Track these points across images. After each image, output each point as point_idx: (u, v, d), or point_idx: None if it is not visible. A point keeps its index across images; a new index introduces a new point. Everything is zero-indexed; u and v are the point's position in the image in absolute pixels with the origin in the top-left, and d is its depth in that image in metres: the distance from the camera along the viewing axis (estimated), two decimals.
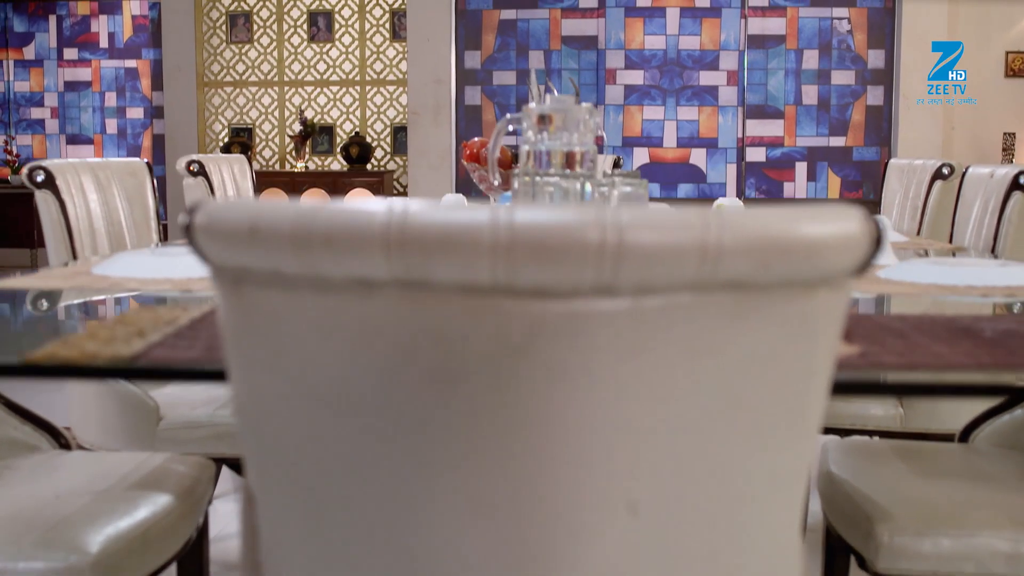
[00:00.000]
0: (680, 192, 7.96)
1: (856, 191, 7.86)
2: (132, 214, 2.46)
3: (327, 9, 9.37)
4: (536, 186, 1.70)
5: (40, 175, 2.09)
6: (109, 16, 9.67)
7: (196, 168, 2.89)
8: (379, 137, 9.41)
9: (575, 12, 7.92)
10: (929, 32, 7.53)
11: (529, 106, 1.67)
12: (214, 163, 3.12)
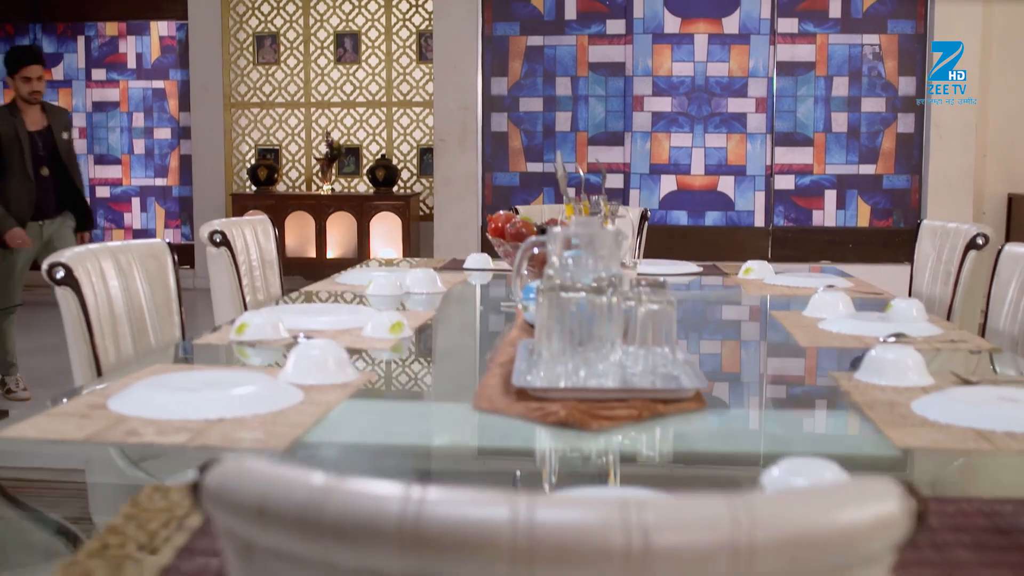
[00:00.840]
0: (708, 220, 7.90)
1: (886, 219, 7.77)
2: (153, 297, 2.44)
3: (354, 30, 9.37)
4: (561, 301, 1.65)
5: (60, 271, 2.07)
6: (137, 37, 9.71)
7: (219, 239, 2.86)
8: (405, 159, 9.40)
9: (602, 38, 7.87)
10: (962, 59, 7.42)
11: (555, 229, 1.63)
12: (237, 228, 3.09)
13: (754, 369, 2.13)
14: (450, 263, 3.57)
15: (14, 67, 5.22)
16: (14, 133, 5.20)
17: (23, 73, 5.20)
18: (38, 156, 5.28)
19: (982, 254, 2.96)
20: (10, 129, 5.19)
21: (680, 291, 3.15)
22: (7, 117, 5.23)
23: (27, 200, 5.20)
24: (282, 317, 2.19)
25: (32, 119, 5.33)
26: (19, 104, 5.29)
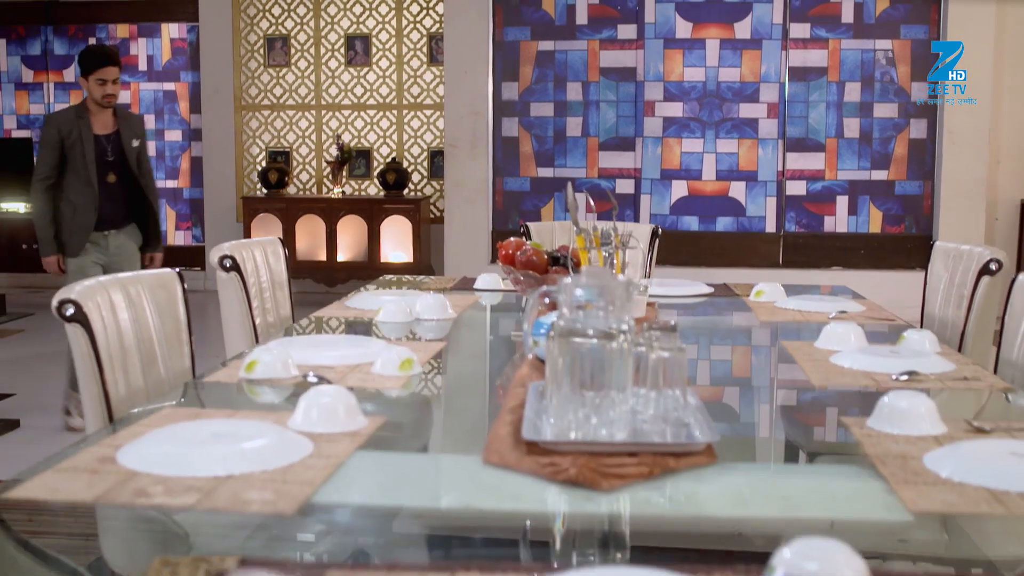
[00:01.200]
0: (719, 225, 7.87)
1: (898, 225, 7.73)
2: (163, 327, 2.43)
3: (365, 33, 9.36)
4: (571, 348, 1.64)
5: (69, 308, 2.07)
6: (148, 39, 9.72)
7: (229, 264, 2.86)
8: (416, 161, 9.39)
9: (613, 44, 7.84)
10: (974, 64, 7.38)
11: (566, 281, 1.61)
12: (247, 250, 3.09)
13: (766, 413, 2.12)
14: (461, 282, 3.56)
15: (88, 68, 4.87)
16: (78, 135, 4.90)
17: (98, 75, 4.85)
18: (104, 162, 4.97)
19: (995, 279, 2.94)
20: (75, 131, 4.91)
21: (690, 316, 3.14)
22: (73, 119, 4.93)
23: (91, 208, 4.92)
24: (292, 352, 2.19)
25: (101, 123, 5.00)
26: (89, 106, 4.95)
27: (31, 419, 5.22)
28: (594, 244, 2.49)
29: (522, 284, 2.72)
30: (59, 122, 4.91)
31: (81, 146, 4.90)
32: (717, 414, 1.98)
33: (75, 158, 4.92)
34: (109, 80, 4.87)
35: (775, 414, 2.09)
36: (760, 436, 1.93)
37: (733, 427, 1.96)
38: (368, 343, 2.34)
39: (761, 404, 2.18)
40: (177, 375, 2.45)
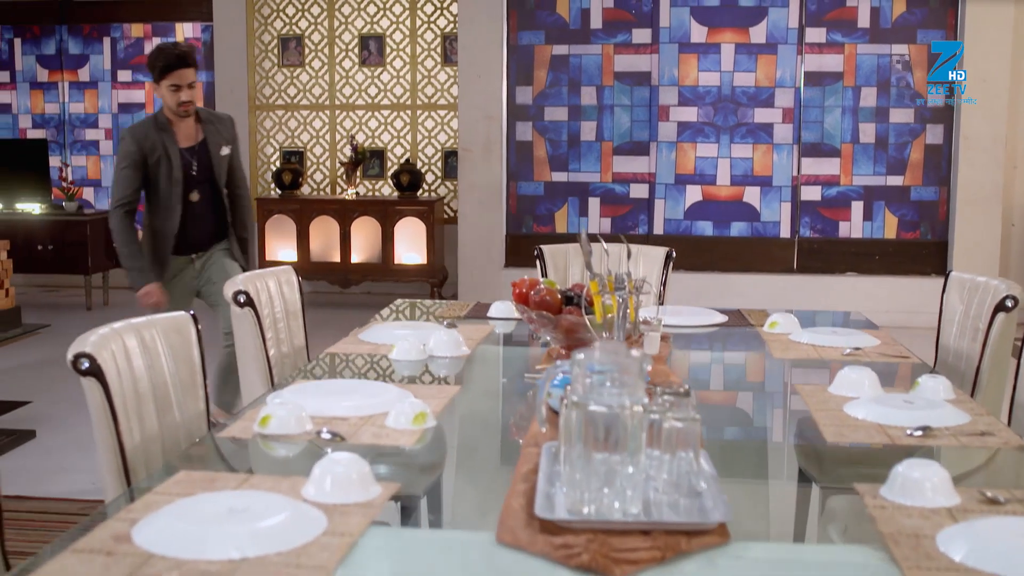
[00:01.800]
0: (733, 231, 7.86)
1: (913, 231, 7.70)
2: (178, 372, 2.44)
3: (378, 33, 9.36)
4: (584, 419, 1.65)
5: (84, 363, 2.09)
6: (162, 39, 9.73)
7: (243, 299, 2.87)
8: (430, 161, 9.39)
9: (628, 48, 7.82)
10: (991, 69, 7.34)
11: (578, 356, 1.61)
12: (260, 281, 3.10)
13: (779, 473, 2.12)
14: (475, 309, 3.56)
15: (159, 73, 4.20)
16: (162, 151, 4.26)
17: (170, 80, 4.18)
18: (190, 178, 4.35)
19: (1011, 316, 2.93)
20: (157, 147, 4.26)
21: (704, 350, 3.14)
22: (152, 132, 4.27)
23: (171, 233, 4.39)
24: (307, 401, 2.20)
25: (184, 133, 4.34)
26: (167, 115, 4.30)
27: (47, 429, 5.24)
28: (608, 289, 2.49)
29: (536, 323, 2.72)
30: (140, 137, 4.26)
31: (167, 164, 4.29)
32: (728, 467, 1.98)
33: (159, 178, 4.32)
34: (184, 85, 4.21)
35: (787, 473, 2.09)
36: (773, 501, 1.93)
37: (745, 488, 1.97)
38: (382, 390, 2.35)
39: (774, 464, 2.17)
40: (191, 419, 2.46)
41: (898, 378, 2.69)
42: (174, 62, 4.17)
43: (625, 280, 2.50)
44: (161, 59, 4.18)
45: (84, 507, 4.20)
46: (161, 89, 4.21)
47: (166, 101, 4.24)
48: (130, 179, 4.26)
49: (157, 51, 4.25)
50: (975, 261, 7.50)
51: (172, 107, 4.23)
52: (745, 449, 2.25)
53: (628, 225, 7.93)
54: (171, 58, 4.18)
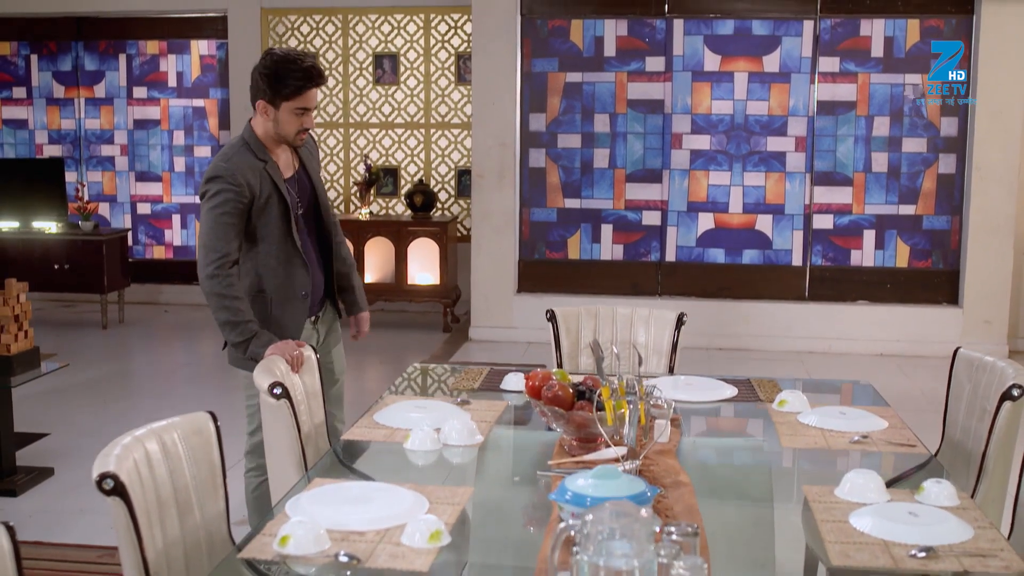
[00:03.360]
0: (745, 258, 7.89)
1: (925, 260, 7.72)
2: (199, 474, 2.50)
3: (393, 52, 9.41)
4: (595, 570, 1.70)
5: (109, 483, 2.14)
6: (178, 56, 9.80)
7: (280, 391, 2.90)
8: (443, 180, 9.45)
9: (641, 75, 7.85)
10: (1006, 100, 7.34)
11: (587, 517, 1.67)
12: (287, 375, 3.13)
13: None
14: (488, 379, 3.61)
15: (290, 92, 3.25)
16: (272, 188, 3.34)
17: (299, 103, 3.28)
18: (298, 217, 3.44)
19: (1017, 404, 2.97)
20: (265, 182, 3.32)
21: (712, 437, 3.18)
22: (253, 162, 3.32)
23: (297, 296, 3.46)
24: (325, 511, 2.25)
25: (284, 161, 3.44)
26: (265, 142, 3.36)
27: (65, 465, 5.31)
28: (620, 394, 2.54)
29: (548, 417, 2.78)
30: (245, 173, 3.28)
31: (279, 203, 3.35)
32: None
33: (270, 223, 3.36)
34: (312, 108, 3.34)
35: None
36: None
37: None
38: (397, 499, 2.40)
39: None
40: (212, 520, 2.52)
41: (905, 472, 2.74)
42: (308, 78, 3.26)
43: (636, 385, 2.55)
44: (293, 77, 3.23)
45: (102, 554, 4.27)
46: (279, 113, 3.28)
47: (283, 126, 3.31)
48: (234, 229, 3.27)
49: (283, 65, 3.24)
50: (987, 290, 7.52)
51: (288, 134, 3.33)
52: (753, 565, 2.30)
53: (640, 252, 7.98)
54: (309, 75, 3.26)
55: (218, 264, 3.24)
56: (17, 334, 5.07)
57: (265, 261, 3.39)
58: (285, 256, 3.39)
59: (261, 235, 3.35)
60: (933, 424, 3.86)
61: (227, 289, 3.25)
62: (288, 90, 3.23)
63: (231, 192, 3.23)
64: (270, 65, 3.25)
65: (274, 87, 3.24)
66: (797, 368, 7.31)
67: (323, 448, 3.14)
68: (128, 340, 8.57)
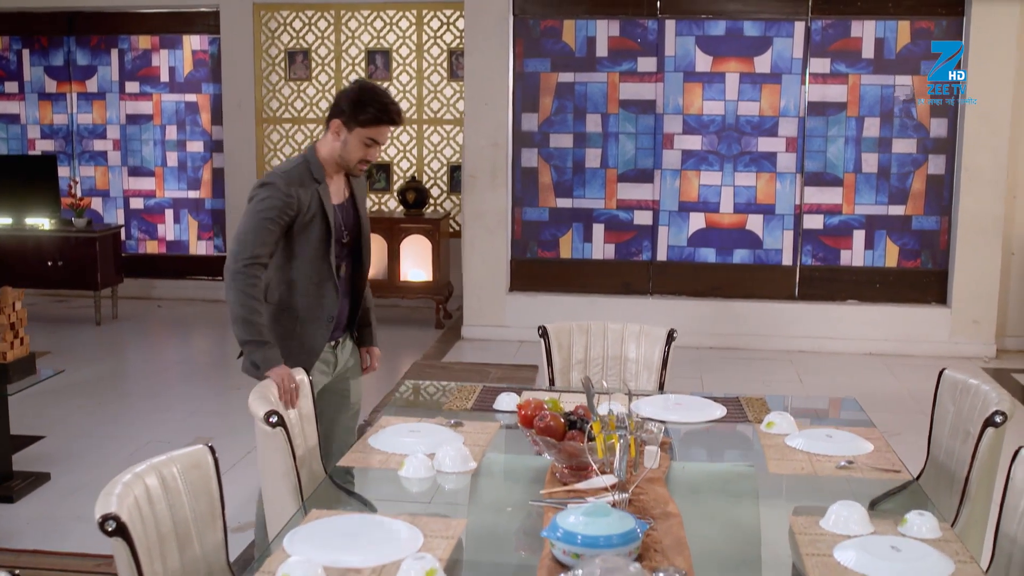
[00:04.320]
0: (736, 258, 7.95)
1: (914, 260, 7.79)
2: (198, 507, 2.55)
3: (385, 48, 9.42)
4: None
5: (111, 524, 2.19)
6: (170, 51, 9.81)
7: (275, 419, 2.94)
8: (435, 176, 9.48)
9: (633, 76, 7.88)
10: (994, 102, 7.39)
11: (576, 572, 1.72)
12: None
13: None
14: (480, 398, 3.66)
15: (367, 120, 3.32)
16: (318, 209, 3.39)
17: (372, 133, 3.34)
18: (340, 244, 3.50)
19: (999, 431, 3.03)
20: (313, 203, 3.38)
21: (702, 461, 3.23)
22: (308, 180, 3.37)
23: (322, 318, 3.51)
24: (321, 549, 2.31)
25: (335, 187, 3.50)
26: (324, 164, 3.41)
27: (62, 469, 5.35)
28: (610, 428, 2.59)
29: (540, 447, 2.83)
30: (299, 187, 3.33)
31: (322, 226, 3.41)
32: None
33: (307, 243, 3.42)
34: (380, 144, 3.42)
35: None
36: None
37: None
38: (393, 532, 2.45)
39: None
40: (211, 551, 2.57)
41: (889, 500, 2.80)
42: (391, 116, 3.35)
43: (626, 419, 2.60)
44: (374, 106, 3.31)
45: (100, 563, 4.32)
46: (351, 136, 3.33)
47: (349, 151, 3.36)
48: (272, 235, 3.33)
49: (369, 93, 3.34)
50: (975, 290, 7.59)
51: (351, 160, 3.39)
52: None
53: (632, 251, 8.03)
54: (389, 110, 3.34)
55: (248, 262, 3.29)
56: (13, 342, 5.10)
57: (298, 278, 3.44)
58: (319, 277, 3.44)
59: (299, 252, 3.41)
60: (919, 426, 3.93)
61: (250, 288, 3.29)
62: (366, 117, 3.30)
63: (279, 200, 3.29)
64: (357, 90, 3.35)
65: (354, 110, 3.30)
66: (787, 367, 7.38)
67: (317, 471, 3.19)
68: (122, 337, 8.60)
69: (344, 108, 3.33)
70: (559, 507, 2.62)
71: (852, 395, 6.61)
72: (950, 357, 7.62)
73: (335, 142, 3.37)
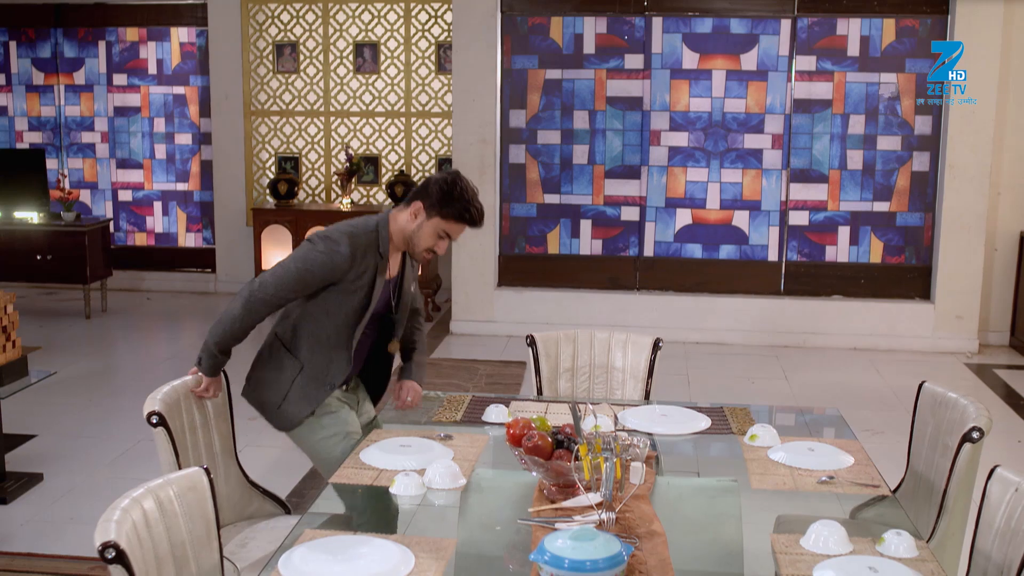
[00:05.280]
0: (722, 253, 8.01)
1: (898, 256, 7.87)
2: (194, 529, 2.61)
3: (373, 41, 9.44)
4: None
5: (111, 552, 2.25)
6: (157, 43, 9.82)
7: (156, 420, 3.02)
8: (423, 169, 9.52)
9: (621, 73, 7.92)
10: (978, 100, 7.46)
11: None
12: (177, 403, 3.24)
13: None
14: (470, 409, 3.71)
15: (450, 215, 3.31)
16: (369, 280, 3.36)
17: (449, 227, 3.35)
18: (374, 317, 3.49)
19: (976, 446, 3.10)
20: (367, 274, 3.35)
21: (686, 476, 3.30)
22: (373, 251, 3.34)
23: (333, 378, 3.47)
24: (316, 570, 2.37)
25: (392, 262, 3.47)
26: (393, 237, 3.40)
27: (54, 470, 5.39)
28: (596, 451, 2.66)
29: (528, 465, 2.89)
30: (362, 254, 3.31)
31: (363, 297, 3.38)
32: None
33: (339, 308, 3.39)
34: (453, 240, 3.43)
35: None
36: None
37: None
38: (386, 554, 2.51)
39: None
40: (208, 570, 2.63)
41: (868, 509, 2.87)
42: (474, 218, 3.35)
43: (612, 442, 2.66)
44: (462, 203, 3.30)
45: (94, 566, 4.37)
46: (428, 223, 3.32)
47: (421, 236, 3.34)
48: (305, 288, 3.33)
49: (460, 189, 3.31)
50: (958, 286, 7.68)
51: (420, 245, 3.37)
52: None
53: (619, 247, 8.09)
54: (472, 213, 3.33)
55: (263, 302, 3.30)
56: (5, 344, 5.14)
57: (316, 334, 3.41)
58: (336, 341, 3.42)
59: (331, 311, 3.38)
60: (901, 425, 4.00)
61: (250, 318, 3.31)
62: (450, 211, 3.28)
63: (332, 261, 3.26)
64: (452, 182, 3.31)
65: (442, 200, 3.27)
66: (772, 363, 7.46)
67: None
68: (111, 331, 8.63)
69: (432, 193, 3.29)
70: (547, 526, 2.69)
71: (836, 391, 6.77)
72: (933, 352, 7.72)
73: (411, 223, 3.34)
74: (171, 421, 3.15)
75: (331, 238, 3.29)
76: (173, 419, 3.18)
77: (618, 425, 3.46)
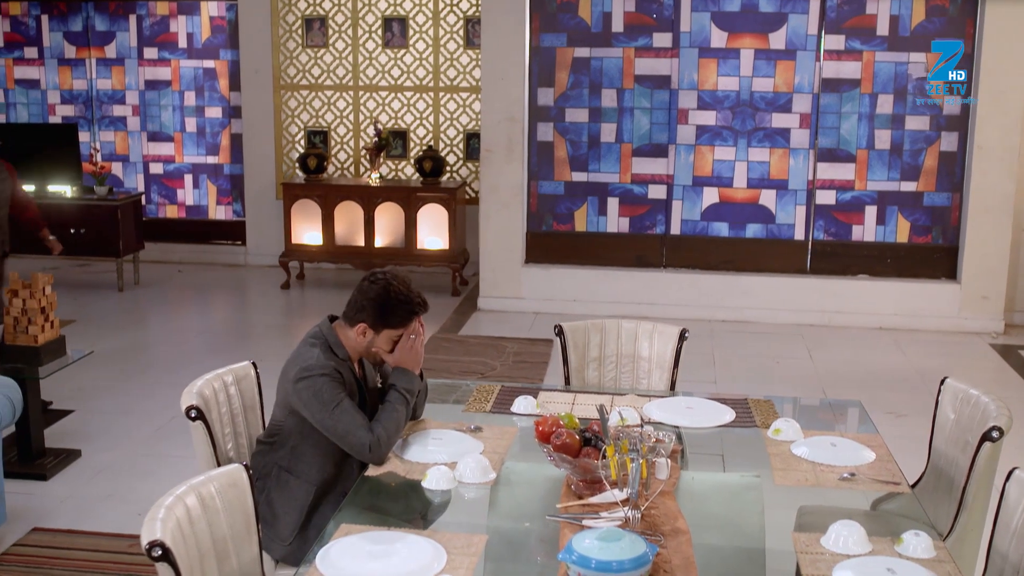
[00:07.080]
0: (748, 232, 8.05)
1: (925, 235, 7.88)
2: (235, 524, 2.71)
3: (401, 15, 9.47)
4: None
5: (157, 551, 2.35)
6: (187, 17, 9.87)
7: (195, 414, 3.19)
8: (452, 143, 9.57)
9: (649, 51, 7.93)
10: (1009, 80, 7.43)
11: None
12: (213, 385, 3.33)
13: None
14: (499, 399, 3.80)
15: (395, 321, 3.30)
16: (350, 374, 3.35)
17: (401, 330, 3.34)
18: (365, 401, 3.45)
19: (996, 445, 3.16)
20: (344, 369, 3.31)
21: (709, 471, 3.37)
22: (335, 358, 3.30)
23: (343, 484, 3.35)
24: (351, 570, 2.47)
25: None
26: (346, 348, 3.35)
27: (92, 446, 5.52)
28: (623, 451, 2.73)
29: (556, 462, 2.98)
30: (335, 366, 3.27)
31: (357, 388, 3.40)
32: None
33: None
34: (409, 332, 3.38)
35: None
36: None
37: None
38: (419, 550, 2.60)
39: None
40: (247, 564, 2.74)
41: (889, 509, 2.94)
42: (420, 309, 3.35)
43: (639, 444, 2.74)
44: (403, 310, 3.29)
45: (133, 543, 4.49)
46: (379, 337, 3.31)
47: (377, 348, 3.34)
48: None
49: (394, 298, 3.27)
50: (985, 266, 7.69)
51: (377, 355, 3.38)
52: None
53: (646, 225, 8.13)
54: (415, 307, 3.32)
55: (367, 428, 3.20)
56: (44, 325, 5.27)
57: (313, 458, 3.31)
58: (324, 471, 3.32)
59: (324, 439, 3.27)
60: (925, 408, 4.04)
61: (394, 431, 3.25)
62: (395, 319, 3.28)
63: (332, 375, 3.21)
64: (382, 295, 3.26)
65: (383, 316, 3.26)
66: (797, 341, 7.51)
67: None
68: (144, 303, 8.78)
69: (371, 313, 3.26)
70: (575, 523, 2.78)
71: (861, 371, 6.82)
72: (959, 332, 7.74)
73: (362, 340, 3.31)
74: (208, 414, 3.26)
75: (309, 368, 3.21)
76: (210, 411, 3.29)
77: (644, 418, 3.54)
